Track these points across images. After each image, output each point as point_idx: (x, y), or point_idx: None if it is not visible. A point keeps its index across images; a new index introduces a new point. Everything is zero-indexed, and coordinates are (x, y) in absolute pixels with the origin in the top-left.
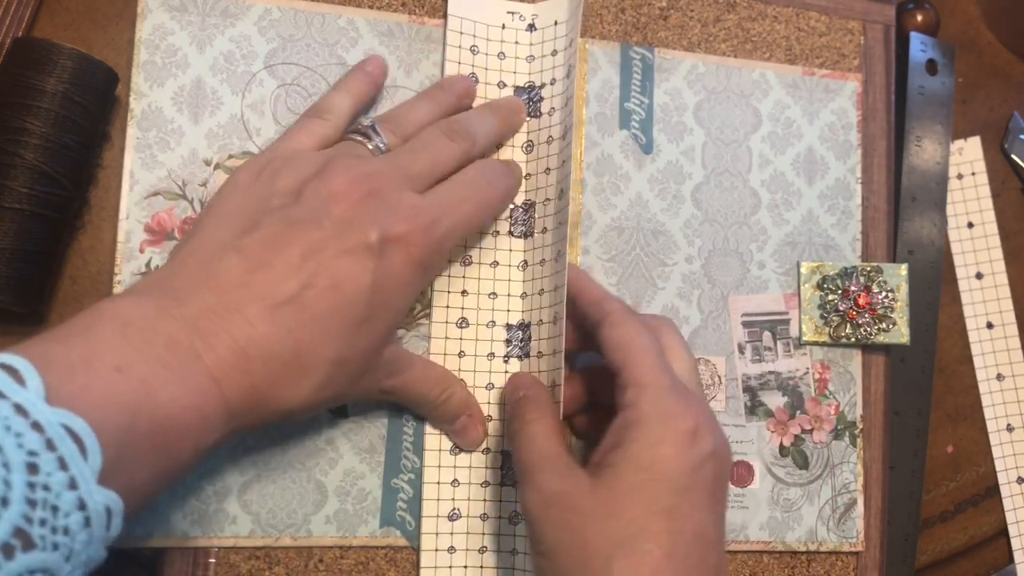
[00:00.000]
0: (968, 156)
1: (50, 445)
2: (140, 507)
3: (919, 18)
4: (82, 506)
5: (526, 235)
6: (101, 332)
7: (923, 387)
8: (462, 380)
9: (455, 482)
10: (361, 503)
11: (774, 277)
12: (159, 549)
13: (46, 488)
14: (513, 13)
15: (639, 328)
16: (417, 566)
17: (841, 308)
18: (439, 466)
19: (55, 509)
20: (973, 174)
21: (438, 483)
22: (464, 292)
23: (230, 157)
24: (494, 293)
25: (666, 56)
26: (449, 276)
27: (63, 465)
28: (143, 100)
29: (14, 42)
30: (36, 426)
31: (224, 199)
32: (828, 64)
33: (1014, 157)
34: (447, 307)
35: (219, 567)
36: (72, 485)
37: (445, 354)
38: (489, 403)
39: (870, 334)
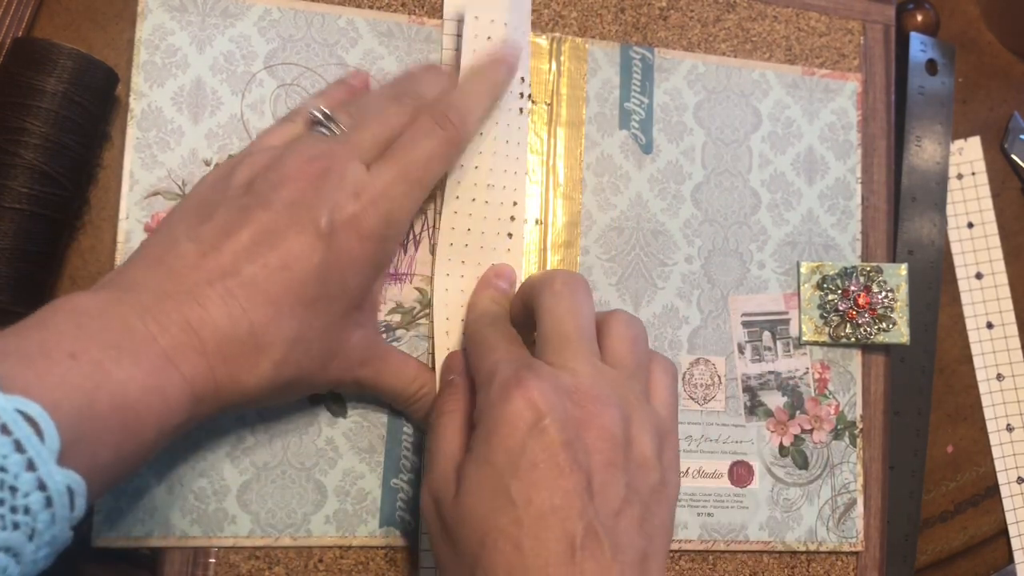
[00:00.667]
0: (968, 156)
1: (4, 430)
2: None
3: (919, 18)
4: (42, 486)
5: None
6: (55, 323)
7: (923, 387)
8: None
9: None
10: (361, 503)
11: (774, 277)
12: (159, 549)
13: (2, 470)
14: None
15: (484, 332)
16: (417, 566)
17: (841, 308)
18: None
19: (13, 489)
20: (973, 174)
21: None
22: (463, 291)
23: (230, 157)
24: None
25: (666, 56)
26: (449, 275)
27: (19, 448)
28: (143, 100)
29: (14, 42)
30: None
31: (188, 198)
32: (828, 64)
33: (1014, 157)
34: (448, 306)
35: (219, 567)
36: (30, 466)
37: (448, 350)
38: None
39: (870, 334)
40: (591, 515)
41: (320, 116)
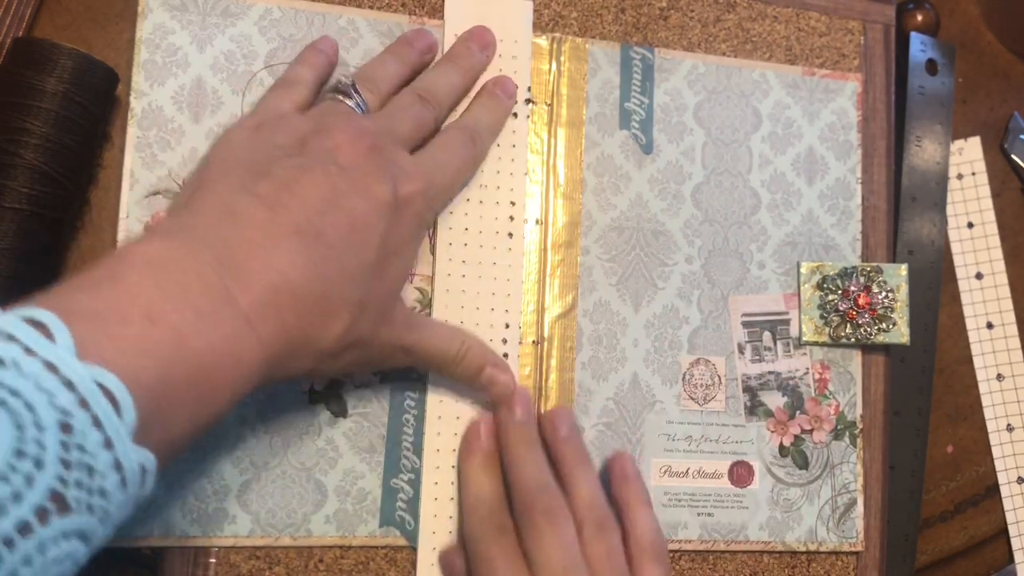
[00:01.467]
0: (968, 156)
1: (83, 403)
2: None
3: (919, 18)
4: (118, 466)
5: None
6: (129, 279)
7: (923, 387)
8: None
9: (454, 482)
10: (361, 503)
11: (774, 277)
12: (159, 549)
13: (81, 448)
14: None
15: (479, 544)
16: (417, 566)
17: (841, 308)
18: (439, 466)
19: (90, 470)
20: (973, 174)
21: (437, 483)
22: (463, 291)
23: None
24: (494, 293)
25: (666, 56)
26: (449, 275)
27: (97, 424)
28: (143, 99)
29: (14, 42)
30: (68, 384)
31: (223, 153)
32: (828, 64)
33: (1014, 157)
34: (447, 307)
35: (219, 567)
36: (107, 444)
37: None
38: (488, 402)
39: (870, 334)
40: None
41: (348, 85)
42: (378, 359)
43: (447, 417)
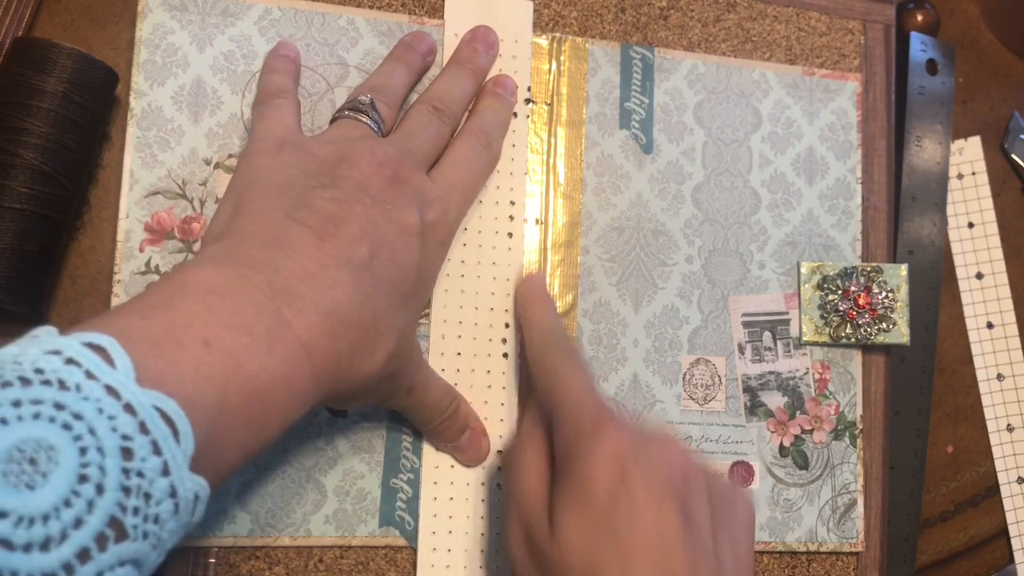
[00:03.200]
0: (968, 156)
1: (143, 428)
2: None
3: (919, 18)
4: (173, 493)
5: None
6: (183, 304)
7: (923, 387)
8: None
9: (454, 482)
10: (360, 503)
11: (774, 277)
12: None
13: (140, 474)
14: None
15: (566, 374)
16: (416, 566)
17: (841, 308)
18: (438, 466)
19: (148, 497)
20: (973, 174)
21: (437, 483)
22: (463, 291)
23: (230, 156)
24: (494, 292)
25: (666, 56)
26: (448, 275)
27: (157, 449)
28: (143, 99)
29: (14, 42)
30: (128, 408)
31: (253, 179)
32: (828, 64)
33: (1014, 157)
34: (446, 307)
35: (219, 567)
36: (165, 471)
37: (444, 354)
38: (487, 403)
39: (870, 334)
40: (711, 530)
41: (368, 105)
42: (389, 394)
43: None
